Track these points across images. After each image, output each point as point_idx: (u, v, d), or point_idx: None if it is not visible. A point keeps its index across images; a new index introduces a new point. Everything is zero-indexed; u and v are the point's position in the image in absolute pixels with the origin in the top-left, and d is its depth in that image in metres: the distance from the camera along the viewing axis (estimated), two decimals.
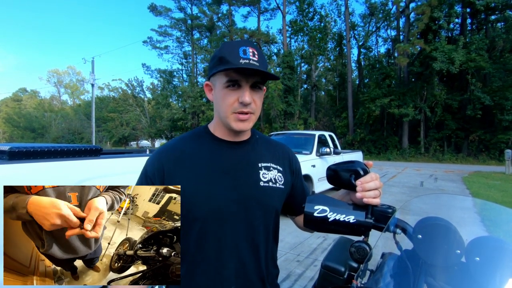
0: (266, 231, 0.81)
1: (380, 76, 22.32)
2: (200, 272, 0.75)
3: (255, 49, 0.72)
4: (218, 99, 0.76)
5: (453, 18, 19.36)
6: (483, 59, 17.34)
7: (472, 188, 8.18)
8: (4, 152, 1.73)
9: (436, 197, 1.00)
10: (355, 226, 0.67)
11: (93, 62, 22.24)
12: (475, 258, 0.59)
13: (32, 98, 51.46)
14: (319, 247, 3.76)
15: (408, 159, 19.29)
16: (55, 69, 52.57)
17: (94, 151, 2.22)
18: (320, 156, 6.39)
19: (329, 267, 1.11)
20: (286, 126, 22.17)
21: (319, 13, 27.12)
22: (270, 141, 0.93)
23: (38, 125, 41.68)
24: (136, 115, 33.32)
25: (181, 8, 30.43)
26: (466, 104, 18.43)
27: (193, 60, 32.05)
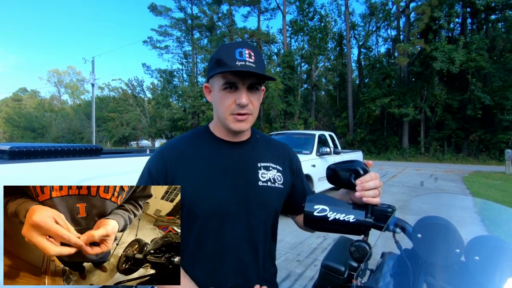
0: (265, 230, 0.82)
1: (380, 76, 22.31)
2: (199, 269, 0.76)
3: (252, 50, 0.73)
4: (216, 101, 0.78)
5: (453, 18, 19.35)
6: (483, 59, 17.33)
7: (472, 188, 8.18)
8: (4, 152, 1.73)
9: (436, 196, 1.00)
10: (355, 225, 0.67)
11: (93, 62, 22.26)
12: (474, 257, 0.59)
13: (32, 98, 51.47)
14: (319, 247, 3.76)
15: (408, 159, 19.29)
16: (55, 69, 52.68)
17: (94, 151, 2.22)
18: (320, 156, 6.39)
19: (329, 266, 1.11)
20: (286, 126, 22.16)
21: (319, 13, 27.15)
22: (271, 141, 0.94)
23: (38, 125, 41.70)
24: (136, 115, 33.32)
25: (181, 8, 30.43)
26: (466, 104, 18.42)
27: (193, 60, 32.05)
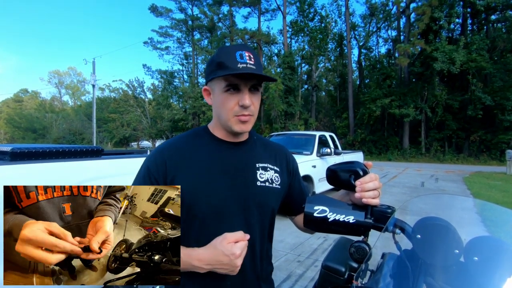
0: (262, 230, 0.84)
1: (380, 76, 22.31)
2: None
3: (251, 52, 0.75)
4: (218, 103, 0.78)
5: (453, 18, 19.33)
6: (484, 59, 17.33)
7: (473, 189, 8.17)
8: (6, 153, 1.74)
9: (436, 197, 1.00)
10: (355, 226, 0.67)
11: (94, 63, 22.30)
12: (473, 258, 0.60)
13: (33, 99, 51.59)
14: (319, 248, 3.76)
15: (409, 159, 19.27)
16: (56, 70, 52.70)
17: (95, 152, 2.23)
18: (321, 157, 6.39)
19: (329, 267, 1.12)
20: (287, 127, 22.16)
21: (319, 14, 27.13)
22: (268, 142, 0.96)
23: (39, 125, 41.78)
24: (137, 116, 33.37)
25: (182, 9, 30.48)
26: (467, 104, 18.40)
27: (194, 61, 32.09)
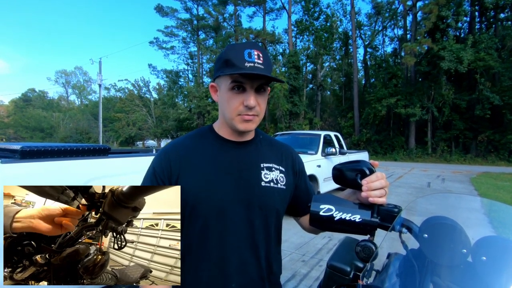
0: (266, 231, 0.82)
1: (386, 75, 22.10)
2: (203, 267, 0.77)
3: (260, 51, 0.73)
4: (223, 101, 0.78)
5: (461, 16, 19.04)
6: (492, 58, 17.04)
7: (480, 189, 8.06)
8: (16, 151, 1.77)
9: (442, 197, 0.99)
10: (361, 225, 0.67)
11: (100, 62, 22.49)
12: (481, 258, 0.59)
13: (40, 98, 52.30)
14: (324, 247, 3.75)
15: (415, 159, 19.06)
16: (63, 70, 53.48)
17: (103, 151, 2.26)
18: (326, 156, 6.36)
19: (334, 266, 1.12)
20: (292, 126, 22.11)
21: (325, 13, 27.00)
22: (274, 142, 0.94)
23: (46, 125, 42.36)
24: (142, 115, 33.64)
25: (187, 8, 30.61)
26: (474, 104, 18.12)
27: (199, 61, 32.21)
